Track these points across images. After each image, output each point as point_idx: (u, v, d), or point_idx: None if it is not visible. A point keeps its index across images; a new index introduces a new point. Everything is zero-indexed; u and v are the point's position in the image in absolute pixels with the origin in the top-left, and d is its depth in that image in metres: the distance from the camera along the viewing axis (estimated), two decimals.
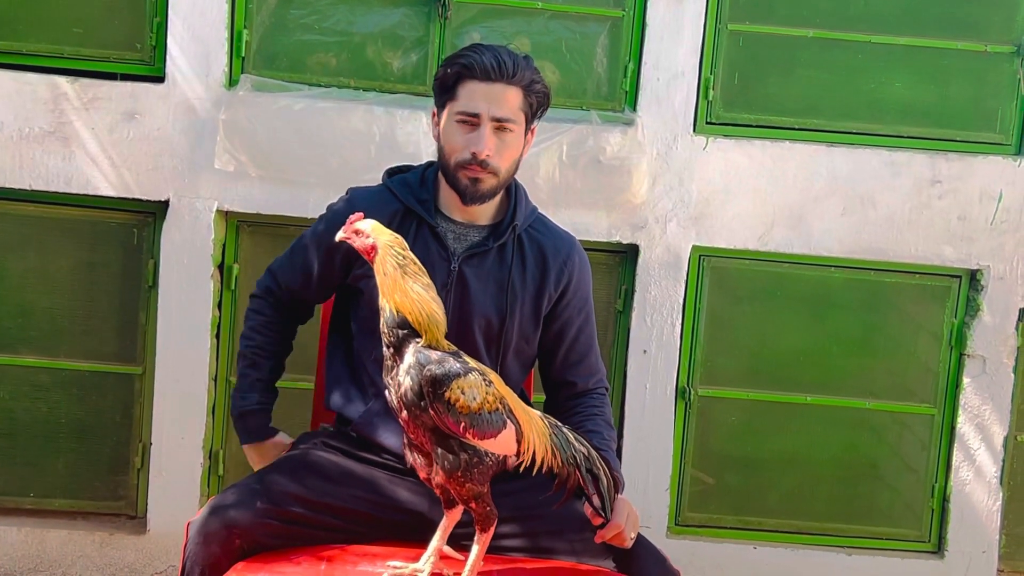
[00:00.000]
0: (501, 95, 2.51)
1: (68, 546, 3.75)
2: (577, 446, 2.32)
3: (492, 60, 2.50)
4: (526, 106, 2.56)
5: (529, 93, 2.55)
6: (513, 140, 2.55)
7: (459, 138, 2.54)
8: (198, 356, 3.70)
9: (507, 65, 2.50)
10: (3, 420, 3.79)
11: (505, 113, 2.51)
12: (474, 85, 2.52)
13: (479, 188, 2.55)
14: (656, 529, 3.77)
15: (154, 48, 3.66)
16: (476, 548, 2.26)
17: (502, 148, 2.53)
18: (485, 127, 2.51)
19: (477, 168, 2.52)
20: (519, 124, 2.55)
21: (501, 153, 2.53)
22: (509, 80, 2.51)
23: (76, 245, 3.75)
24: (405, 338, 2.18)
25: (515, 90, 2.53)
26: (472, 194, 2.55)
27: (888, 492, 3.94)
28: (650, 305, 3.75)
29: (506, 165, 2.56)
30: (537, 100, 2.58)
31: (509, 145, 2.55)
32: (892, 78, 3.78)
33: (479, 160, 2.51)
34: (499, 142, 2.53)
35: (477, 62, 2.51)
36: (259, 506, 2.44)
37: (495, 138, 2.52)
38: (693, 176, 3.71)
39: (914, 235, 3.77)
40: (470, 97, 2.52)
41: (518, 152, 2.59)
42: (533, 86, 2.55)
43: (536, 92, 2.56)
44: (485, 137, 2.51)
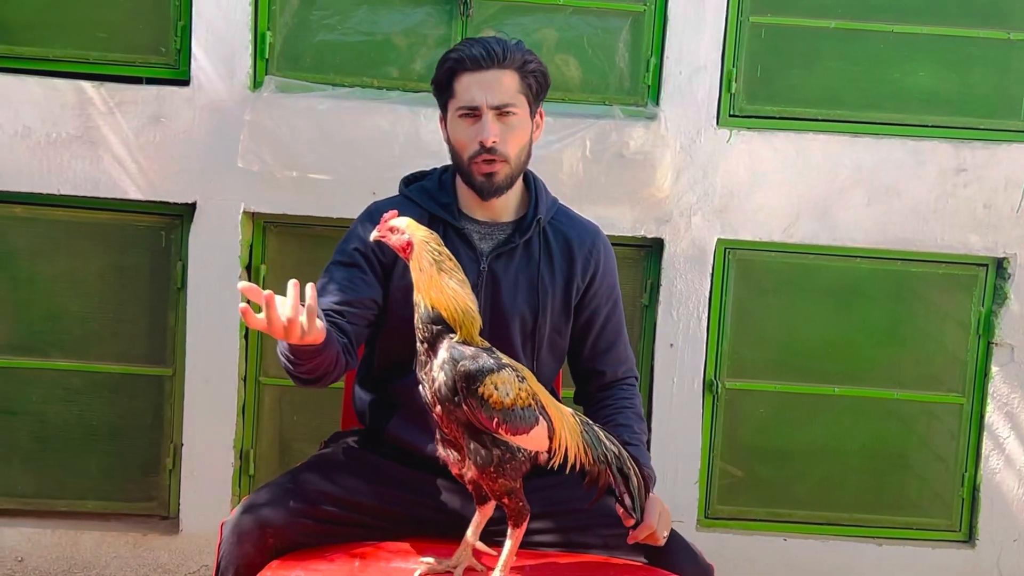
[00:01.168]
0: (496, 81, 2.52)
1: (102, 547, 3.78)
2: (608, 444, 2.33)
3: (480, 49, 2.52)
4: (524, 88, 2.56)
5: (525, 74, 2.56)
6: (518, 123, 2.55)
7: (465, 132, 2.55)
8: (227, 357, 3.72)
9: (496, 51, 2.52)
10: (35, 423, 3.82)
11: (503, 98, 2.52)
12: (468, 77, 2.53)
13: (494, 180, 2.56)
14: (686, 523, 3.77)
15: (179, 51, 3.68)
16: (509, 543, 2.27)
17: (507, 133, 2.54)
18: (487, 115, 2.52)
19: (487, 157, 2.53)
20: (521, 107, 2.56)
21: (507, 138, 2.54)
22: (501, 64, 2.52)
23: (105, 248, 3.77)
24: (439, 334, 2.19)
25: (510, 73, 2.54)
26: (488, 188, 2.56)
27: (918, 482, 3.93)
28: (676, 299, 3.75)
29: (515, 150, 2.56)
30: (535, 80, 2.58)
31: (514, 129, 2.55)
32: (915, 67, 3.77)
33: (487, 148, 2.52)
34: (504, 127, 2.53)
35: (467, 54, 2.53)
36: (292, 505, 2.45)
37: (499, 124, 2.53)
38: (717, 169, 3.71)
39: (940, 224, 3.76)
40: (466, 90, 2.54)
41: (526, 136, 2.59)
42: (527, 66, 2.56)
43: (532, 72, 2.57)
44: (488, 124, 2.52)
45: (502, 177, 2.56)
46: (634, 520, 2.39)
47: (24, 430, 3.82)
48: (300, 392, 3.81)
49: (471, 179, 2.57)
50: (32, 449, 3.83)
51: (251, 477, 3.82)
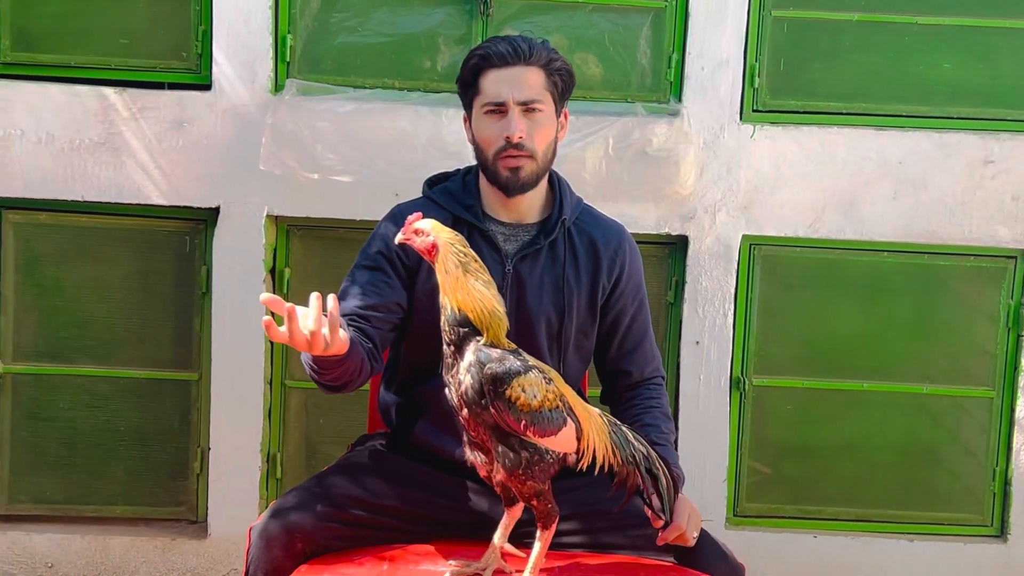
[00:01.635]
0: (522, 77, 2.52)
1: (131, 552, 3.79)
2: (636, 445, 2.31)
3: (507, 46, 2.52)
4: (550, 85, 2.55)
5: (550, 72, 2.55)
6: (544, 120, 2.54)
7: (491, 128, 2.54)
8: (253, 360, 3.72)
9: (522, 48, 2.51)
10: (63, 429, 3.84)
11: (529, 94, 2.52)
12: (494, 74, 2.53)
13: (520, 176, 2.54)
14: (715, 521, 3.76)
15: (200, 56, 3.69)
16: (538, 545, 2.26)
17: (534, 129, 2.53)
18: (513, 111, 2.51)
19: (514, 152, 2.51)
20: (547, 104, 2.55)
21: (533, 134, 2.53)
22: (527, 62, 2.52)
23: (129, 254, 3.78)
24: (466, 336, 2.18)
25: (535, 70, 2.53)
26: (514, 184, 2.55)
27: (948, 477, 3.90)
28: (701, 296, 3.73)
29: (542, 147, 2.55)
30: (561, 79, 2.57)
31: (541, 125, 2.54)
32: (940, 59, 3.74)
33: (513, 143, 2.51)
34: (530, 123, 2.52)
35: (493, 51, 2.52)
36: (319, 509, 2.45)
37: (525, 120, 2.52)
38: (741, 165, 3.69)
39: (967, 217, 3.73)
40: (493, 85, 2.53)
41: (552, 133, 2.58)
42: (552, 64, 2.55)
43: (557, 70, 2.56)
44: (515, 120, 2.51)
45: (528, 172, 2.54)
46: (663, 521, 2.38)
47: (52, 436, 3.84)
48: (326, 395, 3.77)
49: (497, 175, 2.55)
50: (60, 455, 3.84)
51: (278, 480, 3.82)
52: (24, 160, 3.65)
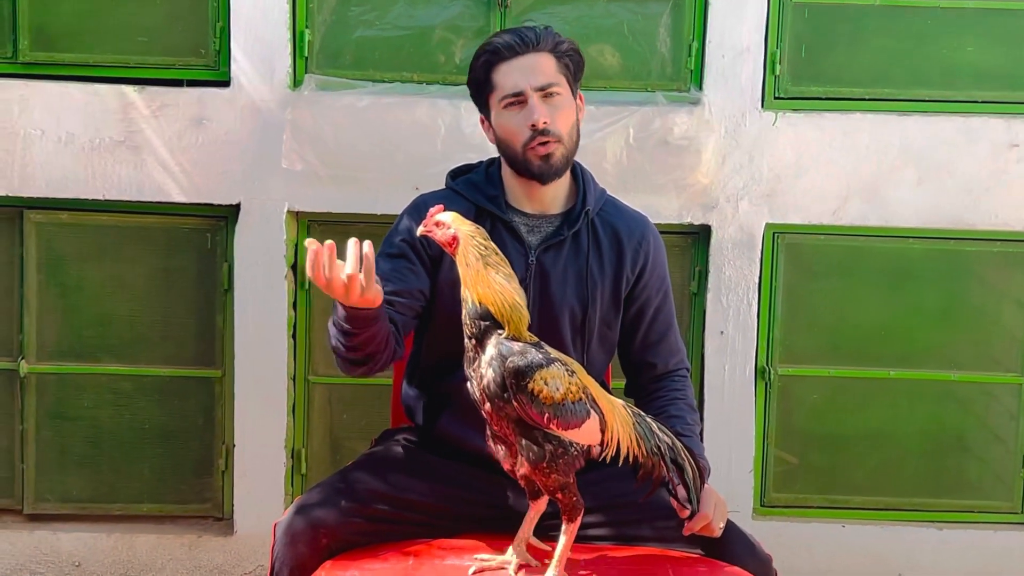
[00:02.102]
0: (534, 64, 2.52)
1: (158, 550, 3.80)
2: (661, 436, 2.30)
3: (513, 36, 2.53)
4: (562, 68, 2.55)
5: (560, 55, 2.55)
6: (563, 103, 2.54)
7: (513, 121, 2.53)
8: (276, 357, 3.72)
9: (528, 36, 2.52)
10: (88, 428, 3.84)
11: (545, 79, 2.52)
12: (506, 66, 2.53)
13: (552, 162, 2.53)
14: (742, 512, 3.73)
15: (218, 53, 3.69)
16: (563, 538, 2.25)
17: (556, 113, 2.52)
18: (532, 98, 2.51)
19: (542, 139, 2.51)
20: (563, 87, 2.54)
21: (556, 117, 2.52)
22: (536, 48, 2.52)
23: (151, 252, 3.78)
24: (487, 330, 2.17)
25: (545, 55, 2.53)
26: (548, 171, 2.54)
27: (977, 464, 3.87)
28: (725, 285, 3.71)
29: (566, 129, 2.54)
30: (571, 60, 2.57)
31: (561, 108, 2.54)
32: (963, 42, 3.70)
33: (540, 130, 2.50)
34: (551, 108, 2.52)
35: (500, 44, 2.53)
36: (344, 504, 2.45)
37: (546, 105, 2.51)
38: (763, 153, 3.66)
39: (993, 201, 3.69)
40: (507, 78, 2.53)
41: (573, 115, 2.57)
42: (560, 47, 2.55)
43: (566, 52, 2.56)
44: (536, 107, 2.50)
45: (559, 157, 2.53)
46: (689, 511, 2.36)
47: (77, 435, 3.85)
48: (350, 390, 3.81)
49: (528, 166, 2.54)
50: (86, 454, 3.85)
51: (303, 476, 3.82)
52: (45, 160, 3.65)
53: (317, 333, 3.78)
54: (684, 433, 2.52)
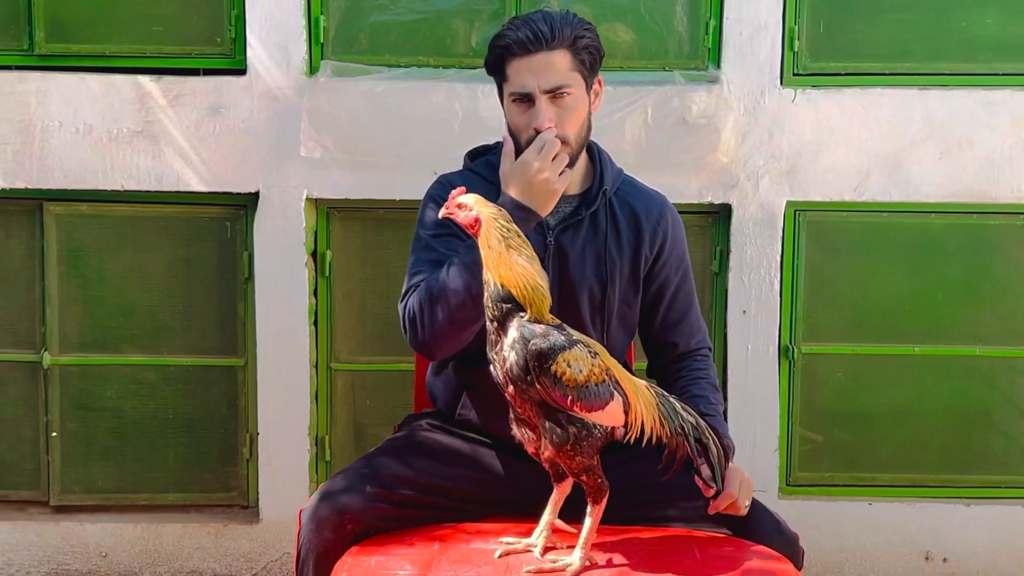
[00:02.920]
0: (546, 64, 2.46)
1: (184, 539, 3.81)
2: (685, 415, 2.29)
3: (527, 32, 2.45)
4: (577, 65, 2.49)
5: (577, 51, 2.49)
6: (574, 103, 2.50)
7: (520, 118, 2.51)
8: (298, 344, 3.72)
9: (543, 32, 2.45)
10: (113, 419, 3.86)
11: (555, 81, 2.47)
12: (518, 62, 2.48)
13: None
14: (768, 491, 3.72)
15: (234, 41, 3.68)
16: (589, 520, 2.24)
17: (563, 115, 2.48)
18: (539, 101, 2.47)
19: None
20: (576, 85, 2.50)
21: (564, 121, 2.49)
22: (550, 46, 2.46)
23: (171, 242, 3.79)
24: (509, 312, 2.15)
25: (560, 53, 2.47)
26: None
27: (1003, 439, 3.85)
28: (747, 264, 3.69)
29: (574, 130, 2.51)
30: (588, 55, 2.51)
31: (570, 110, 2.49)
32: (983, 14, 3.67)
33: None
34: (559, 110, 2.48)
35: (514, 39, 2.47)
36: (368, 490, 2.45)
37: (553, 108, 2.48)
38: (783, 130, 3.64)
39: (1016, 174, 3.66)
40: (517, 75, 2.49)
41: (583, 114, 2.53)
42: (578, 43, 2.48)
43: (584, 48, 2.50)
44: (542, 111, 2.47)
45: (563, 158, 2.52)
46: (714, 490, 2.35)
47: (102, 426, 3.86)
48: (372, 376, 3.82)
49: None
50: (110, 445, 3.87)
51: (327, 463, 3.82)
52: (63, 151, 3.66)
53: (338, 320, 3.78)
54: (707, 413, 2.51)
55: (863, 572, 3.80)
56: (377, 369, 3.78)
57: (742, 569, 2.28)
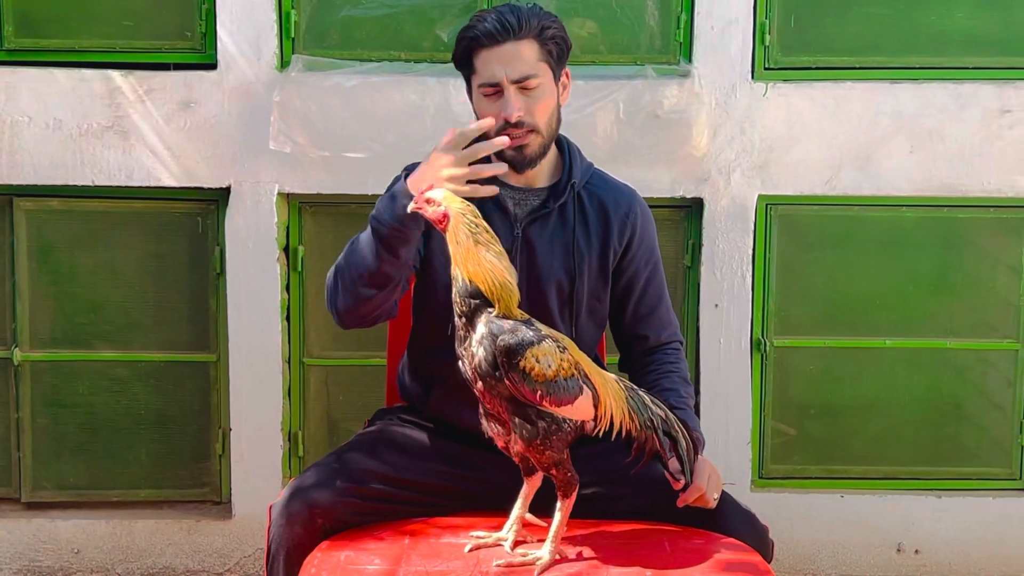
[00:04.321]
0: (514, 54, 2.47)
1: (156, 535, 3.80)
2: (654, 409, 2.30)
3: (495, 22, 2.46)
4: (544, 55, 2.51)
5: (544, 41, 2.50)
6: (542, 92, 2.51)
7: (489, 109, 2.51)
8: (270, 339, 3.71)
9: (510, 22, 2.46)
10: (84, 415, 3.84)
11: (523, 71, 2.48)
12: (485, 53, 2.49)
13: (525, 153, 2.52)
14: (740, 484, 3.73)
15: (204, 35, 3.66)
16: (559, 514, 2.24)
17: (532, 104, 2.50)
18: (508, 91, 2.48)
19: (514, 131, 2.48)
20: (543, 75, 2.51)
21: (533, 109, 2.50)
22: (517, 36, 2.47)
23: (142, 237, 3.77)
24: (477, 308, 2.16)
25: (527, 43, 2.48)
26: (520, 161, 2.53)
27: (975, 431, 3.87)
28: (719, 258, 3.70)
29: (543, 119, 2.52)
30: (556, 45, 2.53)
31: (539, 99, 2.50)
32: (953, 8, 3.68)
33: (513, 123, 2.48)
34: (528, 100, 2.49)
35: (481, 30, 2.48)
36: (339, 485, 2.45)
37: (521, 98, 2.49)
38: (754, 124, 3.65)
39: (986, 168, 3.68)
40: (485, 66, 2.49)
41: (552, 102, 2.54)
42: (545, 33, 2.50)
43: (551, 38, 2.51)
44: (511, 101, 2.48)
45: (533, 148, 2.53)
46: (683, 483, 2.36)
47: (73, 422, 3.84)
48: (345, 372, 3.81)
49: (502, 154, 2.53)
50: (82, 441, 3.85)
51: (300, 459, 3.82)
52: (33, 147, 3.64)
53: (311, 315, 3.77)
54: (677, 406, 2.51)
55: (835, 564, 3.82)
56: (350, 364, 3.78)
57: (712, 561, 2.29)
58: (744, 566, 2.29)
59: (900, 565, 3.83)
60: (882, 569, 3.83)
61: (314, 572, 2.25)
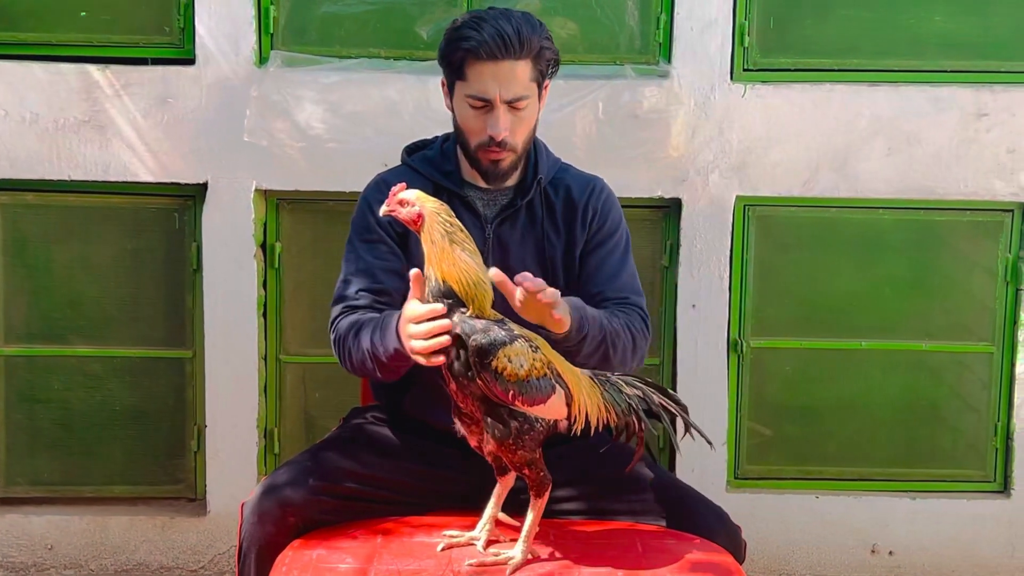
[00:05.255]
0: (510, 73, 2.45)
1: (130, 531, 3.78)
2: (630, 391, 2.30)
3: (496, 39, 2.42)
4: (536, 74, 2.50)
5: (539, 61, 2.49)
6: (528, 114, 2.52)
7: (474, 121, 2.50)
8: (246, 336, 3.70)
9: (512, 41, 2.43)
10: (59, 410, 3.82)
11: (517, 92, 2.47)
12: (481, 67, 2.46)
13: (500, 168, 2.54)
14: (716, 484, 3.74)
15: (183, 30, 3.65)
16: (531, 514, 2.25)
17: (518, 125, 2.50)
18: (499, 109, 2.47)
19: (496, 149, 2.49)
20: (532, 96, 2.51)
21: (517, 130, 2.51)
22: (517, 55, 2.45)
23: (119, 233, 3.75)
24: (450, 308, 2.15)
25: (524, 63, 2.47)
26: (494, 174, 2.55)
27: (950, 433, 3.88)
28: (696, 259, 3.70)
29: (523, 139, 2.54)
30: (547, 65, 2.53)
31: (524, 119, 2.51)
32: (931, 12, 3.69)
33: (498, 142, 2.47)
34: (514, 119, 2.49)
35: (481, 43, 2.43)
36: (312, 483, 2.45)
37: (509, 117, 2.48)
38: (733, 125, 3.65)
39: (963, 171, 3.69)
40: (479, 79, 2.47)
41: (534, 119, 2.56)
42: (543, 54, 2.49)
43: (546, 60, 2.51)
44: (500, 120, 2.47)
45: (508, 164, 2.54)
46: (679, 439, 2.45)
47: (47, 418, 3.82)
48: (322, 369, 3.80)
49: (477, 163, 2.54)
50: (56, 436, 3.83)
51: (276, 456, 3.81)
52: (9, 140, 3.62)
53: (288, 312, 3.76)
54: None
55: (810, 565, 3.83)
56: (327, 362, 3.75)
57: (683, 562, 2.29)
58: (715, 566, 2.30)
59: (874, 566, 3.84)
60: (856, 570, 3.84)
61: (285, 570, 2.25)
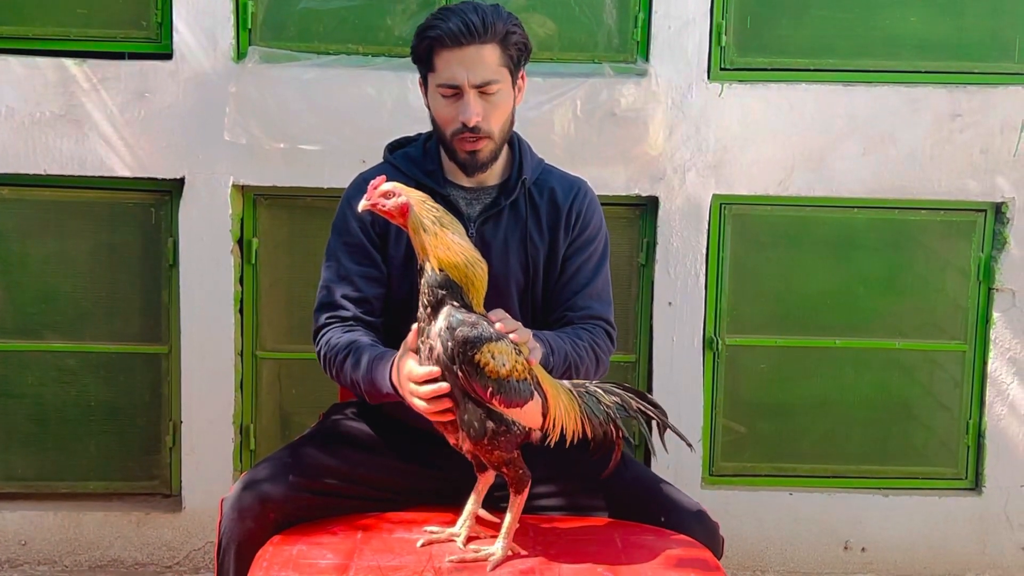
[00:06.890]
0: (477, 58, 2.45)
1: (105, 528, 3.77)
2: (609, 400, 2.30)
3: (459, 24, 2.44)
4: (506, 60, 2.50)
5: (507, 46, 2.49)
6: (501, 98, 2.51)
7: (446, 110, 2.51)
8: (223, 332, 3.69)
9: (475, 25, 2.44)
10: (33, 406, 3.80)
11: (485, 76, 2.46)
12: (448, 54, 2.46)
13: (478, 158, 2.53)
14: (690, 481, 3.75)
15: (160, 25, 3.64)
16: (511, 510, 2.25)
17: (490, 110, 2.49)
18: (468, 95, 2.47)
19: (470, 135, 2.49)
20: (503, 80, 2.50)
21: (490, 115, 2.50)
22: (482, 39, 2.45)
23: (95, 227, 3.74)
24: (442, 300, 2.15)
25: (491, 47, 2.47)
26: (473, 165, 2.54)
27: (922, 431, 3.91)
28: (673, 257, 3.72)
29: (499, 125, 2.52)
30: (517, 51, 2.52)
31: (497, 104, 2.50)
32: (907, 13, 3.72)
33: (470, 127, 2.48)
34: (486, 104, 2.49)
35: (445, 30, 2.44)
36: (292, 479, 2.44)
37: (480, 102, 2.48)
38: (710, 124, 3.67)
39: (937, 171, 3.72)
40: (446, 67, 2.47)
41: (509, 108, 2.54)
42: (509, 38, 2.49)
43: (514, 44, 2.50)
44: (471, 105, 2.47)
45: (487, 153, 2.53)
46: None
47: (22, 413, 3.81)
48: (298, 365, 3.80)
49: (455, 155, 2.54)
50: (31, 432, 3.81)
51: (252, 452, 3.80)
52: None
53: (264, 308, 3.76)
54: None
55: (783, 561, 3.86)
56: (303, 358, 3.76)
57: (663, 557, 2.30)
58: (694, 562, 2.30)
59: (847, 563, 3.87)
60: (829, 566, 3.86)
61: (266, 566, 2.25)
